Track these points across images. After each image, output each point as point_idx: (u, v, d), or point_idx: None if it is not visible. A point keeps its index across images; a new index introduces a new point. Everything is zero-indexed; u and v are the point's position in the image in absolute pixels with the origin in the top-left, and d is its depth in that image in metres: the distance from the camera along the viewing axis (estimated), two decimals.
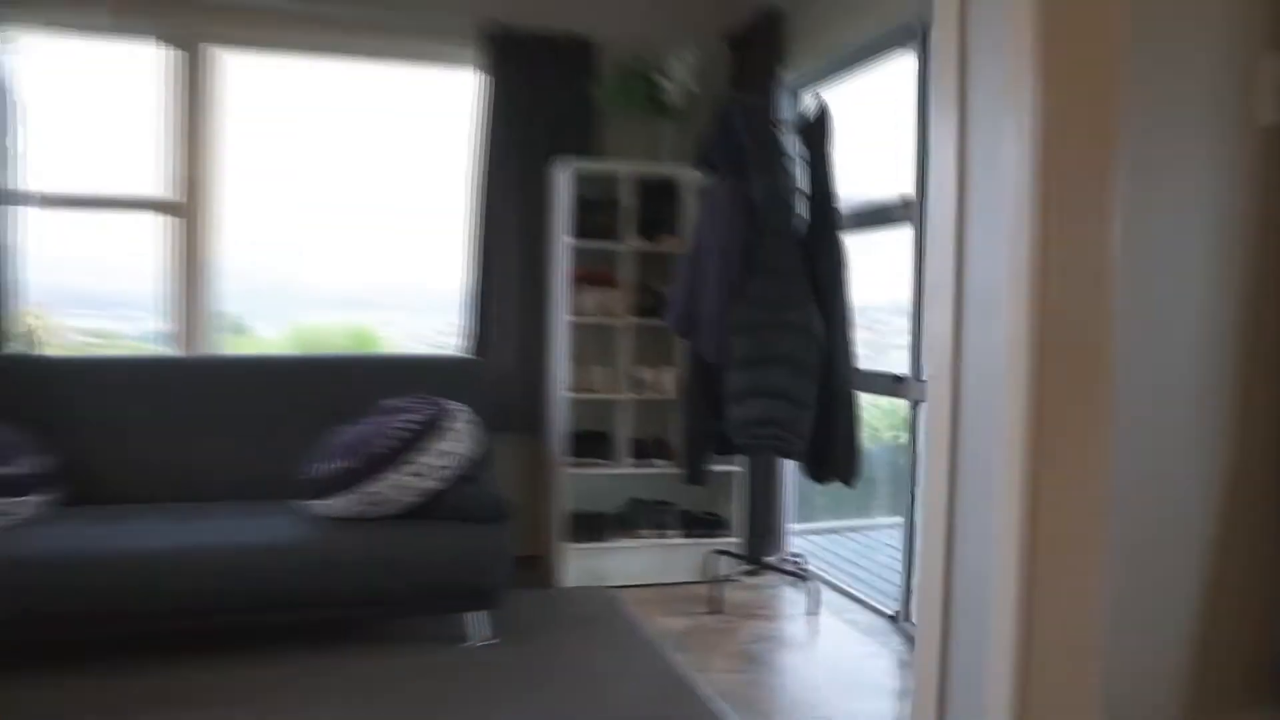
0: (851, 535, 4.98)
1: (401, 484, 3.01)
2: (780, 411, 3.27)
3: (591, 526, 3.84)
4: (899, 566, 3.50)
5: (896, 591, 3.49)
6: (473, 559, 3.00)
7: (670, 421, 3.99)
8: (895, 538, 4.94)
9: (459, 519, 3.06)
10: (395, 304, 4.63)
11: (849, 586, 3.87)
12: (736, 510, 3.97)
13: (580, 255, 3.90)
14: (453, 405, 3.25)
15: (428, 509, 3.05)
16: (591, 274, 3.89)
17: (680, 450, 3.78)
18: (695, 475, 3.72)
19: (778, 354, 3.29)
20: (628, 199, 3.85)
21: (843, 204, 3.45)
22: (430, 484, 3.05)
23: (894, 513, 5.49)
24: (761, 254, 3.39)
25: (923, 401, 3.24)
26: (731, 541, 3.92)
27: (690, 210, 3.87)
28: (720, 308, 3.40)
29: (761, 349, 3.30)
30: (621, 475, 3.91)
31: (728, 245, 3.39)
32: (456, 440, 3.14)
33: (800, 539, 4.72)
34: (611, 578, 3.82)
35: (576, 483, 3.86)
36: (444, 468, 3.08)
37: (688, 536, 3.91)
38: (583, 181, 3.88)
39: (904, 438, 5.82)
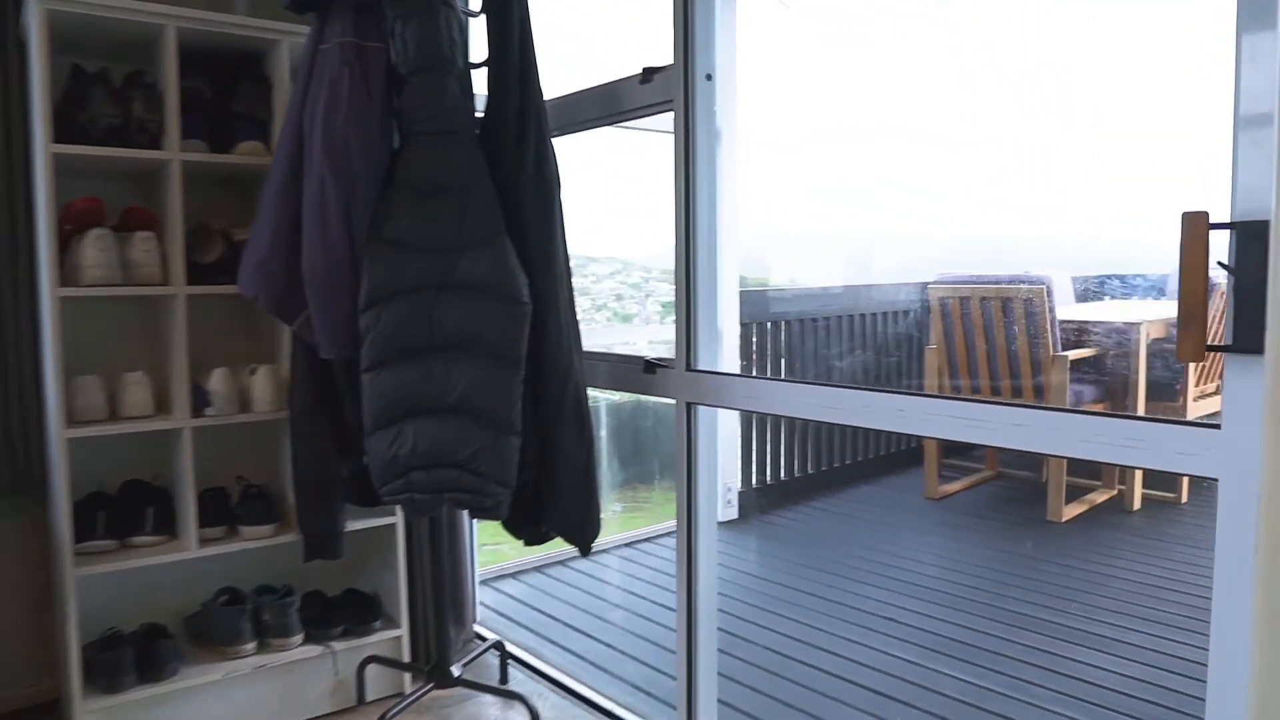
0: (552, 573, 3.66)
1: None
2: (460, 440, 1.84)
3: (142, 657, 2.17)
4: (663, 635, 2.23)
5: (669, 686, 2.22)
6: None
7: (273, 459, 2.41)
8: (643, 572, 3.70)
9: None
10: None
11: (581, 681, 2.54)
12: (395, 583, 2.47)
13: (84, 177, 2.19)
14: None
15: None
16: (102, 210, 2.18)
17: (292, 505, 2.24)
18: (320, 545, 2.20)
19: (448, 336, 1.86)
20: (175, 77, 2.16)
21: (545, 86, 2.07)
22: None
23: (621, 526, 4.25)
24: (412, 163, 1.92)
25: (701, 404, 1.96)
26: (393, 636, 2.45)
27: (286, 96, 2.26)
28: (339, 259, 1.89)
29: (418, 330, 1.85)
30: (189, 560, 2.24)
31: (350, 148, 1.88)
32: None
33: (489, 589, 3.36)
34: None
35: (105, 583, 2.16)
36: None
37: (319, 640, 2.37)
38: (78, 43, 2.16)
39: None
